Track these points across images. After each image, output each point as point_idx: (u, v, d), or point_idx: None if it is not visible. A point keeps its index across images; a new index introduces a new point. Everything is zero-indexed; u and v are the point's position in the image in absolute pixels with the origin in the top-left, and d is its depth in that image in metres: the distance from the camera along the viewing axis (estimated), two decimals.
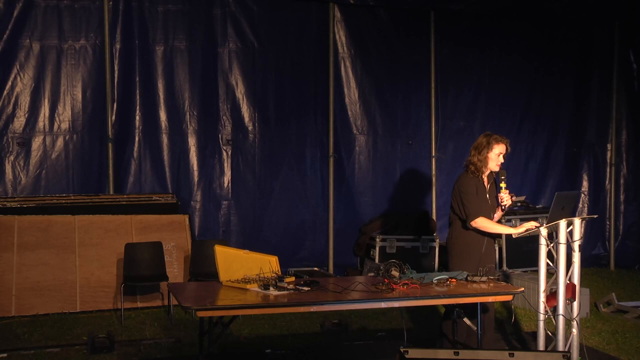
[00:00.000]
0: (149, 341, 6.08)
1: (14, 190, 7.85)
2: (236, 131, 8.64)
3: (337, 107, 9.05)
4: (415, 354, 3.90)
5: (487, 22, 9.47)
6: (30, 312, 6.94)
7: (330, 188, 9.02)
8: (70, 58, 8.02)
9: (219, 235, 8.46)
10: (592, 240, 10.12)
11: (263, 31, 8.70)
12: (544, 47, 9.76)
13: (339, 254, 9.07)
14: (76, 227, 7.39)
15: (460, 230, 5.33)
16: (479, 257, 5.25)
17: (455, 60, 9.47)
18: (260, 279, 4.65)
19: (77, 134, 8.07)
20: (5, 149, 7.85)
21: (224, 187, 8.62)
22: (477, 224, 5.20)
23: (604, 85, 10.14)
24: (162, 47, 8.33)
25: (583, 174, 10.15)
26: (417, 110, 9.41)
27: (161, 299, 7.35)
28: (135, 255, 7.07)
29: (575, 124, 10.08)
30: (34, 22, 7.89)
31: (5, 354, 5.66)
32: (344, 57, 9.07)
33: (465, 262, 5.23)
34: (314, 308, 4.47)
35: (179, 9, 8.37)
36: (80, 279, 7.22)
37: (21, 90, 7.90)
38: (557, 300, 5.15)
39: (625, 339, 6.32)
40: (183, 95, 8.43)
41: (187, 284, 6.87)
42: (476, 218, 5.19)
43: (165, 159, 8.41)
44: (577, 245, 5.22)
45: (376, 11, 9.14)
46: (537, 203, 9.69)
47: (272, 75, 8.79)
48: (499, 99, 9.70)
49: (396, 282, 4.69)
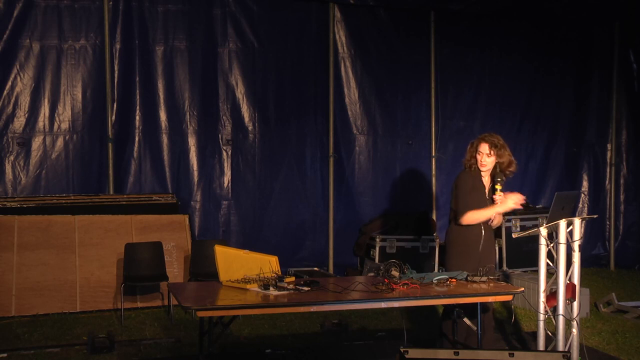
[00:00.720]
0: (149, 341, 6.08)
1: (14, 190, 7.85)
2: (236, 131, 8.64)
3: (337, 107, 9.05)
4: (415, 354, 3.90)
5: (487, 22, 9.47)
6: (30, 312, 6.94)
7: (330, 188, 9.02)
8: (70, 58, 8.02)
9: (219, 235, 8.46)
10: (592, 240, 10.12)
11: (263, 31, 8.70)
12: (544, 47, 9.76)
13: (339, 254, 9.07)
14: (76, 227, 7.39)
15: (457, 228, 5.30)
16: (477, 256, 5.20)
17: (455, 60, 9.47)
18: (260, 279, 4.65)
19: (77, 134, 8.07)
20: (5, 149, 7.85)
21: (224, 187, 8.62)
22: (466, 219, 5.14)
23: (604, 85, 10.14)
24: (162, 47, 8.33)
25: (583, 174, 10.15)
26: (417, 110, 9.41)
27: (161, 299, 7.35)
28: (135, 255, 7.07)
29: (575, 124, 10.08)
30: (34, 22, 7.89)
31: (5, 354, 5.66)
32: (344, 57, 9.07)
33: (463, 261, 5.19)
34: (314, 308, 4.46)
35: (179, 9, 8.37)
36: (80, 279, 7.22)
37: (21, 90, 7.90)
38: (557, 300, 5.15)
39: (625, 339, 6.32)
40: (183, 95, 8.43)
41: (187, 284, 6.87)
42: (464, 214, 5.15)
43: (165, 159, 8.41)
44: (577, 245, 5.22)
45: (376, 11, 9.14)
46: (537, 203, 9.69)
47: (272, 75, 8.79)
48: (499, 99, 9.70)
49: (396, 282, 4.68)
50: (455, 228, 5.29)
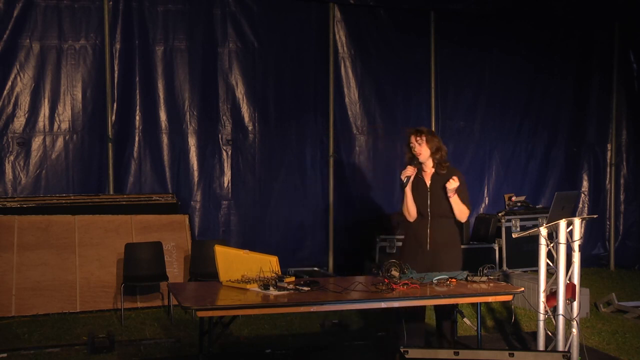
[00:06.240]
0: (149, 341, 6.08)
1: (14, 190, 7.85)
2: (236, 131, 8.64)
3: (337, 107, 9.05)
4: (415, 354, 3.91)
5: (487, 22, 9.47)
6: (30, 312, 6.94)
7: (330, 188, 9.02)
8: (70, 58, 8.02)
9: (219, 235, 8.46)
10: (592, 240, 10.12)
11: (263, 31, 8.70)
12: (544, 47, 9.76)
13: (339, 254, 9.07)
14: (76, 227, 7.39)
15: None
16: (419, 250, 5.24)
17: (455, 60, 9.47)
18: (260, 279, 4.65)
19: (77, 134, 8.08)
20: (5, 149, 7.85)
21: (224, 187, 8.62)
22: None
23: (604, 85, 10.14)
24: (162, 47, 8.33)
25: (583, 174, 10.15)
26: (417, 110, 9.41)
27: (161, 299, 7.35)
28: (135, 255, 7.07)
29: (575, 124, 10.08)
30: (34, 22, 7.89)
31: (5, 354, 5.66)
32: (344, 57, 9.07)
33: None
34: (314, 308, 4.46)
35: (179, 9, 8.37)
36: (80, 279, 7.22)
37: (21, 90, 7.90)
38: (557, 300, 5.16)
39: (625, 339, 6.32)
40: (183, 95, 8.44)
41: (187, 284, 6.87)
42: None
43: (165, 159, 8.41)
44: (577, 245, 5.22)
45: (376, 11, 9.14)
46: (537, 203, 9.69)
47: (272, 75, 8.79)
48: (499, 99, 9.70)
49: (396, 282, 4.68)
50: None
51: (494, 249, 8.88)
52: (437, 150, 5.24)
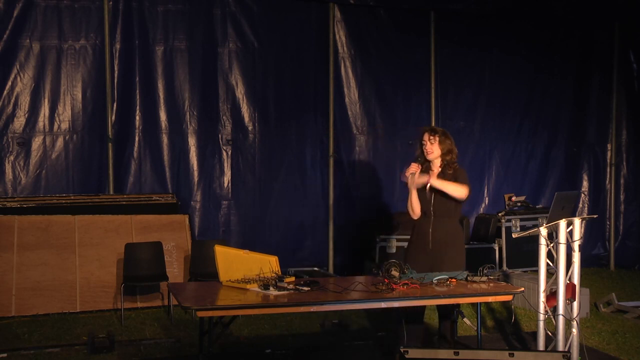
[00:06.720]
0: (149, 341, 6.08)
1: (14, 190, 7.85)
2: (236, 131, 8.64)
3: (337, 107, 9.05)
4: (415, 354, 3.91)
5: (487, 22, 9.46)
6: (30, 312, 6.94)
7: (330, 188, 9.02)
8: (70, 58, 8.02)
9: (219, 235, 8.46)
10: (592, 240, 10.12)
11: (263, 31, 8.70)
12: (544, 47, 9.76)
13: (339, 254, 9.07)
14: (76, 227, 7.39)
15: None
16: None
17: (455, 60, 9.47)
18: (260, 279, 4.65)
19: (77, 134, 8.08)
20: (5, 149, 7.85)
21: (224, 187, 8.62)
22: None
23: (604, 85, 10.14)
24: (162, 47, 8.33)
25: (583, 174, 10.15)
26: (417, 110, 9.40)
27: (161, 299, 7.35)
28: (135, 255, 7.07)
29: (575, 124, 10.08)
30: (34, 22, 7.88)
31: (5, 354, 5.66)
32: (344, 57, 9.07)
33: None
34: (314, 308, 4.46)
35: (179, 9, 8.37)
36: (80, 279, 7.22)
37: (21, 90, 7.90)
38: (557, 300, 5.16)
39: (625, 339, 6.32)
40: (183, 95, 8.43)
41: (187, 284, 6.87)
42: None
43: (165, 159, 8.41)
44: (577, 245, 5.22)
45: (376, 11, 9.14)
46: (537, 203, 9.69)
47: (272, 75, 8.79)
48: (499, 99, 9.70)
49: (396, 282, 4.68)
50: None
51: (494, 249, 8.88)
52: (449, 152, 5.26)
